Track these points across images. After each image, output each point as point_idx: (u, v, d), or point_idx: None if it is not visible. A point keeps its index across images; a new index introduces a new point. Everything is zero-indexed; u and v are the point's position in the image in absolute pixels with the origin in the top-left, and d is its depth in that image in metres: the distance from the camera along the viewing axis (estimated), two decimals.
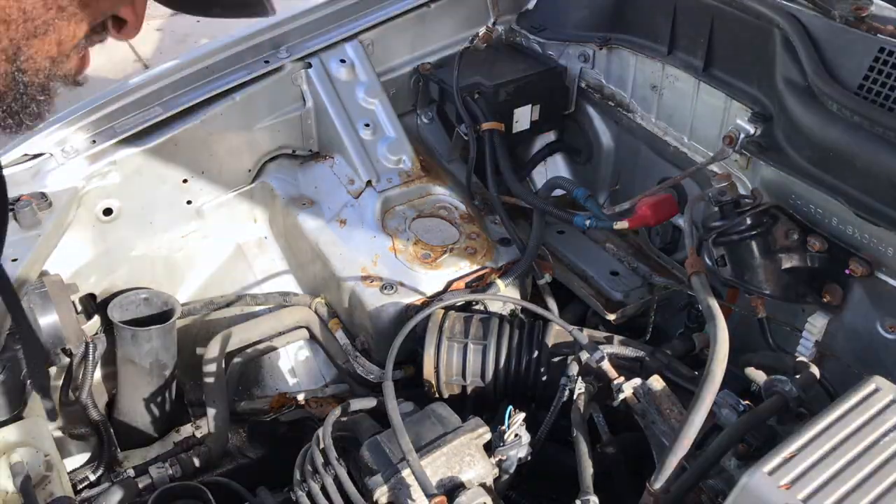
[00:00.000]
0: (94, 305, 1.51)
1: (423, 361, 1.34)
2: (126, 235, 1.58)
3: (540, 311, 1.32)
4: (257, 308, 1.67)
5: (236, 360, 1.57)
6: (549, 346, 1.34)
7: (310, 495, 1.08)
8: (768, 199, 1.35)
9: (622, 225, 1.44)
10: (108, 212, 1.55)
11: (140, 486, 1.38)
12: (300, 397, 1.62)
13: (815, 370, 1.12)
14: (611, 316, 1.50)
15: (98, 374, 1.48)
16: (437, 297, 1.47)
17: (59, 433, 1.41)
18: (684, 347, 1.43)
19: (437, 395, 1.36)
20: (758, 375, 1.13)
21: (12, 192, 1.42)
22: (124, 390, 1.53)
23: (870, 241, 1.23)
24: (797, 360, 1.21)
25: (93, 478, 1.40)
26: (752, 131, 1.38)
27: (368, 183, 1.65)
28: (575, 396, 1.23)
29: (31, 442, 1.15)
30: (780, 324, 1.37)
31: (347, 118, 1.69)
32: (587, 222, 1.48)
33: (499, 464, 1.11)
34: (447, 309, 1.42)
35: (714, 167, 1.47)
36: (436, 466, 1.06)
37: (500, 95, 1.72)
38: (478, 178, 1.75)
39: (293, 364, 1.65)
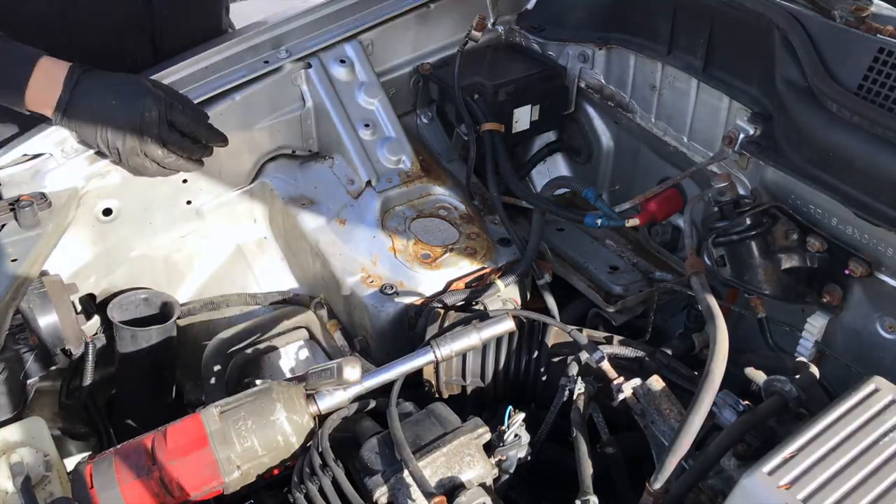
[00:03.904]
0: (93, 305, 1.51)
1: None
2: (126, 235, 1.58)
3: (537, 316, 1.33)
4: (257, 308, 1.67)
5: (236, 359, 1.57)
6: (549, 346, 1.34)
7: (308, 497, 1.08)
8: (768, 199, 1.35)
9: (633, 222, 1.45)
10: (107, 212, 1.55)
11: None
12: None
13: (814, 370, 1.12)
14: (611, 308, 1.50)
15: (98, 374, 1.47)
16: (437, 297, 1.47)
17: (59, 433, 1.41)
18: (684, 347, 1.43)
19: (437, 395, 1.36)
20: (757, 375, 1.13)
21: (12, 192, 1.42)
22: (124, 390, 1.53)
23: (869, 242, 1.23)
24: (797, 360, 1.21)
25: None
26: (751, 131, 1.38)
27: (368, 183, 1.66)
28: (574, 396, 1.23)
29: (31, 442, 1.15)
30: (780, 324, 1.37)
31: (347, 118, 1.69)
32: (598, 221, 1.48)
33: (498, 464, 1.11)
34: (447, 309, 1.42)
35: (714, 167, 1.47)
36: (435, 467, 1.06)
37: (500, 95, 1.72)
38: (478, 178, 1.75)
39: (293, 364, 1.65)
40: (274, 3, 1.87)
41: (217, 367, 1.50)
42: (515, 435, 1.11)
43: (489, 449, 1.11)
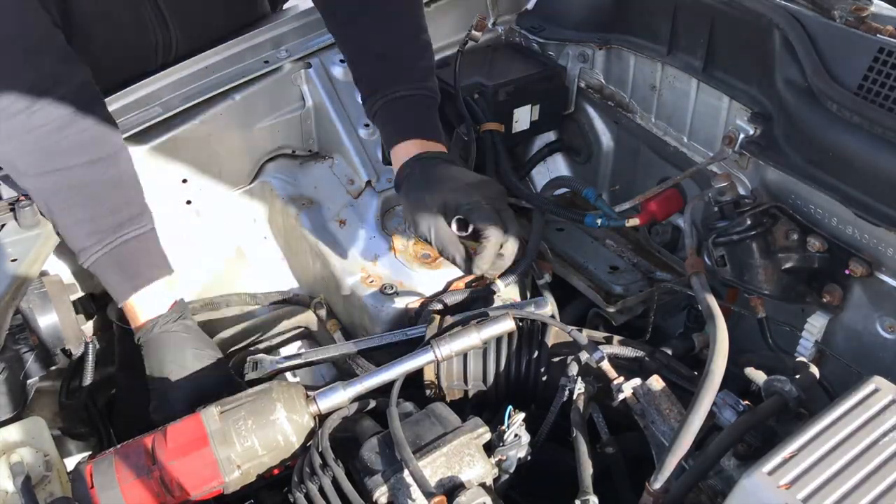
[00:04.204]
0: (93, 305, 1.51)
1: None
2: None
3: (535, 316, 1.32)
4: (257, 308, 1.67)
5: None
6: (549, 346, 1.34)
7: (308, 497, 1.08)
8: (768, 199, 1.35)
9: (633, 222, 1.44)
10: None
11: None
12: None
13: (814, 370, 1.12)
14: (611, 308, 1.50)
15: (98, 374, 1.47)
16: (437, 296, 1.47)
17: (59, 433, 1.41)
18: (684, 347, 1.43)
19: (438, 396, 1.36)
20: (757, 375, 1.13)
21: (12, 192, 1.42)
22: (124, 390, 1.53)
23: (869, 242, 1.23)
24: (797, 360, 1.21)
25: None
26: (751, 131, 1.38)
27: (368, 183, 1.66)
28: (574, 396, 1.23)
29: (31, 442, 1.15)
30: (780, 324, 1.37)
31: (347, 118, 1.69)
32: (598, 221, 1.48)
33: (498, 464, 1.11)
34: (447, 308, 1.42)
35: (714, 167, 1.47)
36: (435, 467, 1.06)
37: (500, 95, 1.72)
38: None
39: None
40: None
41: None
42: (515, 435, 1.11)
43: (489, 449, 1.11)
